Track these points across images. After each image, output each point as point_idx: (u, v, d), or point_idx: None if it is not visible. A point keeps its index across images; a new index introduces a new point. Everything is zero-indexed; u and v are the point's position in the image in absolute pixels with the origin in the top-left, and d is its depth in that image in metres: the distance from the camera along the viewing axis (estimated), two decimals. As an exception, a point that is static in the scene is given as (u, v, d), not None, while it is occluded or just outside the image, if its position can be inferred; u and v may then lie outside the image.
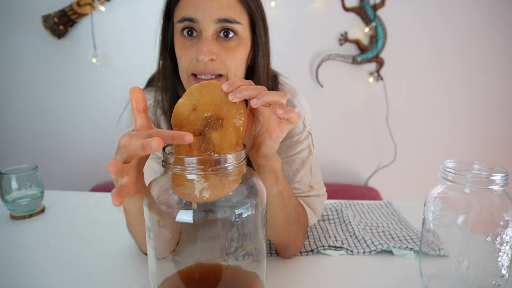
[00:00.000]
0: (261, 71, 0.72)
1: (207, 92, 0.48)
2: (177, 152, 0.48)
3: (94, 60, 2.01)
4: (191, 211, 0.44)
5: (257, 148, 0.56)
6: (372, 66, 1.96)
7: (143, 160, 0.48)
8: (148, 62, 0.89)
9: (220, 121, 0.48)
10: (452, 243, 0.57)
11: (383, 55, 1.91)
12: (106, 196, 1.12)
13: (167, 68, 0.74)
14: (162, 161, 0.46)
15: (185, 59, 0.67)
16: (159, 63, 0.75)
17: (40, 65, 2.07)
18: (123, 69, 2.02)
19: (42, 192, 0.98)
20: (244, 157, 0.48)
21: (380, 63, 1.92)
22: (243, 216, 0.46)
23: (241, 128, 0.49)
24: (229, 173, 0.46)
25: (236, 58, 0.67)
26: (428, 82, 1.97)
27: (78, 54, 2.03)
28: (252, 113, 0.55)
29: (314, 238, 0.82)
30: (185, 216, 0.44)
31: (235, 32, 0.66)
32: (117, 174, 0.41)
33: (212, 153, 0.47)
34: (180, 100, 0.48)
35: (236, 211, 0.45)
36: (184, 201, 0.45)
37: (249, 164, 0.56)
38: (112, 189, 0.44)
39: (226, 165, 0.45)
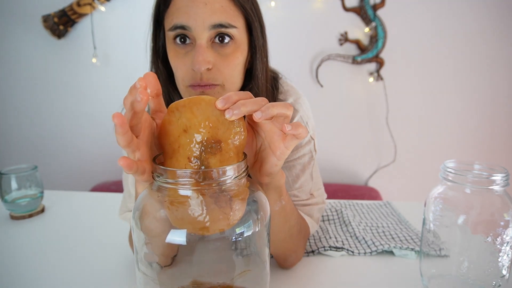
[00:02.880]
0: (260, 75, 0.68)
1: (199, 110, 0.42)
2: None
3: (94, 60, 2.01)
4: (184, 230, 0.39)
5: (260, 166, 0.50)
6: (372, 66, 1.95)
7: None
8: (148, 62, 0.88)
9: (218, 145, 0.42)
10: (453, 243, 0.57)
11: (383, 55, 1.91)
12: (106, 196, 1.12)
13: (160, 76, 0.70)
14: (152, 172, 0.42)
15: (180, 69, 0.63)
16: (151, 71, 0.71)
17: (40, 65, 2.07)
18: (123, 69, 2.02)
19: (42, 192, 0.98)
20: (245, 168, 0.43)
21: (380, 63, 1.92)
22: (245, 235, 0.40)
23: (241, 147, 0.44)
24: (228, 187, 0.41)
25: (233, 65, 0.63)
26: (428, 82, 1.96)
27: (78, 54, 2.03)
28: (251, 127, 0.49)
29: (314, 239, 0.82)
30: (178, 237, 0.39)
31: (230, 37, 0.62)
32: (121, 126, 0.38)
33: (213, 184, 0.40)
34: (165, 117, 0.43)
35: (236, 230, 0.40)
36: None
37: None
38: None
39: (224, 178, 0.40)
